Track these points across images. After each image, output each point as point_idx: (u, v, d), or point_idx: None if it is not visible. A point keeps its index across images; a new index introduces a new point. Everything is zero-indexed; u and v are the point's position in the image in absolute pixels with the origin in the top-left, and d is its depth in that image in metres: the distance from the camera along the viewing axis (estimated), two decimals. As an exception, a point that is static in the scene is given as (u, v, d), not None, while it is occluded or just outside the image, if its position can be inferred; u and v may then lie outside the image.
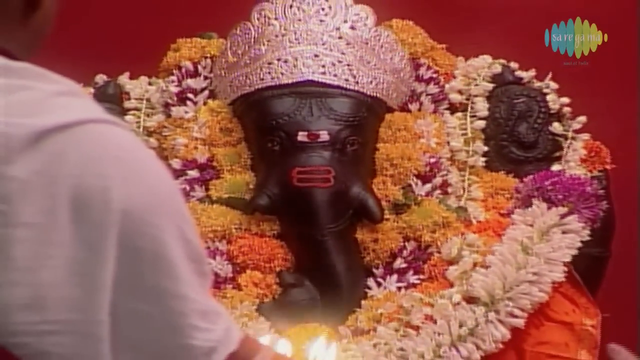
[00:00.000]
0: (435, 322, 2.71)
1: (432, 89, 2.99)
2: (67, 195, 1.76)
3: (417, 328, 2.72)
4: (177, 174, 2.88)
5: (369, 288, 2.81)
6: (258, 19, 2.93)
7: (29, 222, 1.74)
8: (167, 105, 2.96)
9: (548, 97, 3.01)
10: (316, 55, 2.86)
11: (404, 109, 2.95)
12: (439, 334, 2.70)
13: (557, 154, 2.98)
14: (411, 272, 2.83)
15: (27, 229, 1.74)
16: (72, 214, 1.76)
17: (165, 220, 1.83)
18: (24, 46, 1.86)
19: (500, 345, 2.71)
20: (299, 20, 2.91)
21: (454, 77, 3.03)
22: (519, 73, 3.05)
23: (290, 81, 2.84)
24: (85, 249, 1.76)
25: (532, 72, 3.05)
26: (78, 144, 1.77)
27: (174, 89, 2.96)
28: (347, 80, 2.86)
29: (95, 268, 1.77)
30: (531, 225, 2.81)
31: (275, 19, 2.93)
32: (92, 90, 2.95)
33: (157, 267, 1.81)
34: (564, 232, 2.81)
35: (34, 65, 1.79)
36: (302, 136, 2.80)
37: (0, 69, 1.78)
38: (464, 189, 2.96)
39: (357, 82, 2.86)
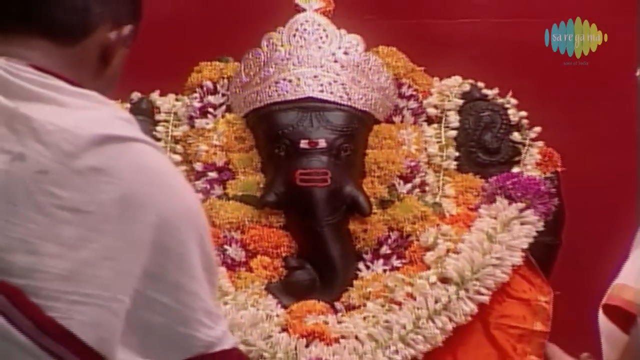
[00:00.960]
0: (415, 298, 2.75)
1: (412, 104, 3.00)
2: (117, 193, 1.80)
3: (399, 304, 2.76)
4: (199, 175, 2.90)
5: (360, 270, 2.84)
6: (267, 46, 2.95)
7: (82, 209, 1.78)
8: (191, 118, 2.97)
9: (509, 111, 3.00)
10: (315, 76, 2.88)
11: (389, 121, 2.97)
12: (418, 309, 2.74)
13: (517, 158, 2.98)
14: (395, 257, 2.85)
15: (78, 215, 1.79)
16: (119, 209, 1.81)
17: (191, 230, 1.89)
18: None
19: (469, 318, 2.76)
20: (301, 46, 2.92)
21: (431, 94, 3.02)
22: (485, 91, 3.03)
23: (293, 98, 2.86)
24: (124, 240, 1.82)
25: (495, 90, 3.03)
26: (132, 154, 1.83)
27: (197, 104, 2.98)
28: (341, 97, 2.88)
29: (128, 257, 1.82)
30: (495, 218, 2.85)
31: (282, 45, 2.94)
32: (128, 105, 2.98)
33: (179, 266, 1.86)
34: (522, 224, 2.85)
35: (104, 97, 1.87)
36: (303, 144, 2.82)
37: (77, 93, 1.85)
38: (439, 187, 2.96)
39: (350, 99, 2.88)
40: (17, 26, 1.92)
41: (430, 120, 3.01)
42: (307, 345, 2.73)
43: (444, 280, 2.78)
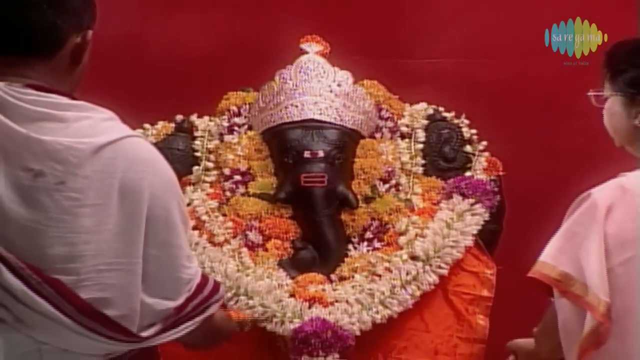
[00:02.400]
0: (391, 271, 2.78)
1: (389, 124, 3.01)
2: (117, 185, 1.91)
3: (379, 276, 2.78)
4: (227, 177, 2.90)
5: (349, 250, 2.86)
6: (279, 79, 2.97)
7: (93, 203, 1.89)
8: (221, 134, 2.98)
9: (463, 129, 3.00)
10: (315, 103, 2.90)
11: (371, 136, 2.99)
12: (393, 279, 2.77)
13: (468, 165, 2.98)
14: (376, 240, 2.86)
15: (92, 208, 1.89)
16: (119, 196, 1.91)
17: (173, 198, 2.00)
18: (70, 88, 2.01)
19: (432, 287, 2.79)
20: (304, 80, 2.94)
21: (403, 117, 3.02)
22: (444, 114, 3.03)
23: (299, 119, 2.88)
24: (127, 218, 1.92)
25: (452, 113, 3.02)
26: (122, 152, 1.92)
27: (225, 124, 2.98)
28: (335, 118, 2.90)
29: (133, 229, 1.93)
30: (452, 210, 2.87)
31: (290, 79, 2.95)
32: (173, 124, 2.98)
33: (167, 228, 1.98)
34: (472, 215, 2.87)
35: (87, 103, 1.96)
36: (307, 154, 2.84)
37: (70, 106, 1.94)
38: (409, 187, 2.96)
39: (342, 120, 2.91)
40: (8, 51, 1.96)
41: (403, 136, 3.01)
42: (309, 307, 2.73)
43: (414, 257, 2.80)
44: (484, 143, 3.00)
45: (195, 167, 2.94)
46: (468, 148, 2.99)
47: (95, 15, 2.05)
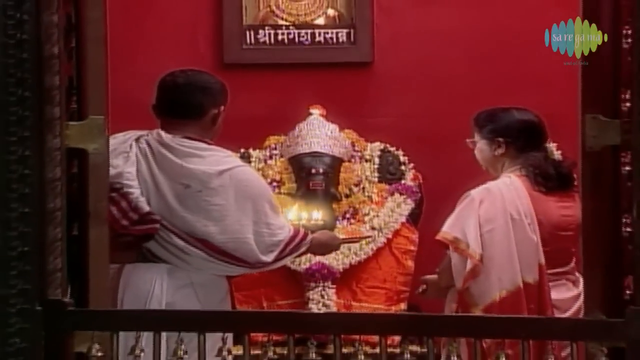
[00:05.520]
0: (360, 236, 3.04)
1: (359, 154, 3.19)
2: (232, 193, 2.18)
3: (355, 239, 3.04)
4: (268, 184, 2.99)
5: (336, 224, 3.07)
6: (297, 129, 3.15)
7: (218, 203, 2.17)
8: (265, 160, 3.16)
9: (400, 156, 3.17)
10: (318, 142, 3.09)
11: (349, 161, 3.17)
12: (362, 240, 3.01)
13: (403, 176, 3.15)
14: (352, 219, 3.11)
15: (218, 206, 2.17)
16: (234, 199, 2.19)
17: (265, 197, 2.25)
18: (210, 138, 2.26)
19: (383, 244, 3.05)
20: (311, 129, 3.13)
21: (366, 150, 3.19)
22: (390, 148, 3.18)
23: (309, 151, 3.09)
24: (240, 212, 2.18)
25: (394, 148, 3.17)
26: (234, 175, 2.19)
27: (267, 154, 3.16)
28: (329, 150, 3.10)
29: (243, 218, 2.19)
30: (394, 202, 3.10)
31: (304, 128, 3.14)
32: (238, 154, 3.04)
33: (264, 215, 2.24)
34: (405, 205, 3.11)
35: (217, 146, 2.23)
36: (313, 170, 3.05)
37: (206, 149, 2.19)
38: (370, 189, 3.13)
39: (332, 152, 3.12)
40: (175, 117, 2.22)
41: (366, 161, 3.19)
42: (314, 256, 2.93)
43: (373, 228, 3.05)
44: (412, 164, 3.23)
45: (250, 179, 3.15)
46: (403, 167, 3.21)
47: (227, 97, 2.28)
